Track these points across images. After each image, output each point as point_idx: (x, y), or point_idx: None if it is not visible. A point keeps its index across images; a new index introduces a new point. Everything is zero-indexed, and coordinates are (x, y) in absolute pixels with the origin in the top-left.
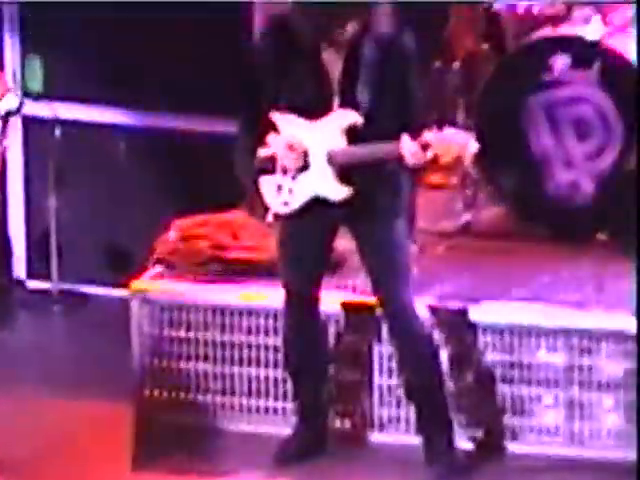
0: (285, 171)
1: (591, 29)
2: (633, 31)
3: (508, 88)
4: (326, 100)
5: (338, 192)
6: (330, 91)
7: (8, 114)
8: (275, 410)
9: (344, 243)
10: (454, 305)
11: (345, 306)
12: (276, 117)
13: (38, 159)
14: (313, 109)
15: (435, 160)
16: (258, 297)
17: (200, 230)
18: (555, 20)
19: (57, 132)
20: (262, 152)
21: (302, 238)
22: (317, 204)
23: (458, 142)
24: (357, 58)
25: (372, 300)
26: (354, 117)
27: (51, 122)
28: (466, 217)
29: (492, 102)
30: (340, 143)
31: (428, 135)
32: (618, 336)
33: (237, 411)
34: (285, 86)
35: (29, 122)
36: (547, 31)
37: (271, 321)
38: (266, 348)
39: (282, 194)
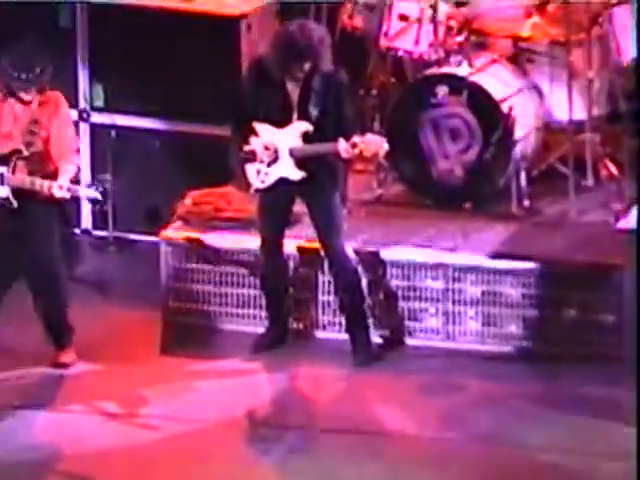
0: (261, 161)
1: (461, 69)
2: (492, 69)
3: (407, 108)
4: (289, 115)
5: (296, 174)
6: (291, 109)
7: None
8: (254, 316)
9: (299, 208)
10: (371, 248)
11: (300, 249)
12: (256, 125)
13: (100, 152)
14: (280, 121)
15: (360, 155)
16: (244, 241)
17: (206, 198)
18: (439, 62)
19: (113, 134)
20: (246, 148)
21: (272, 204)
22: (282, 182)
23: (375, 143)
24: (309, 87)
25: (317, 245)
26: (307, 126)
27: (109, 127)
28: (379, 192)
29: (397, 117)
30: (298, 143)
31: (356, 138)
32: (477, 269)
33: (229, 316)
34: (262, 105)
35: (95, 127)
36: (433, 70)
37: (251, 258)
38: (248, 275)
39: (260, 176)
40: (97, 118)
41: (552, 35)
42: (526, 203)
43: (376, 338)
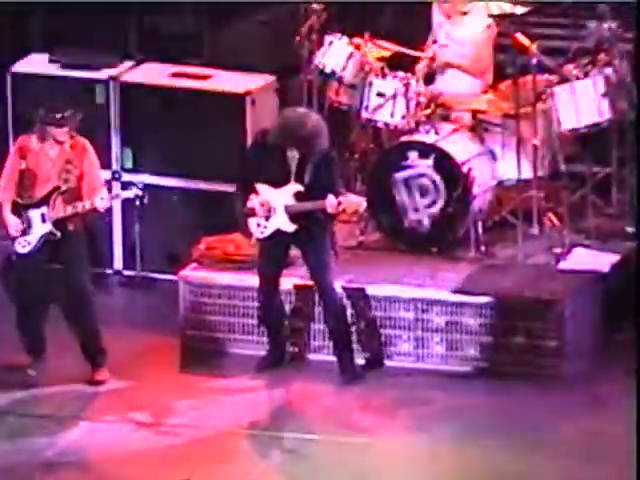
0: (260, 216)
1: (429, 137)
2: (454, 136)
3: (384, 169)
4: (287, 178)
5: (290, 227)
6: (289, 173)
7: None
8: (257, 342)
9: (294, 252)
10: (355, 285)
11: (295, 287)
12: (257, 186)
13: (129, 207)
14: (279, 182)
15: (344, 210)
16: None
17: (217, 243)
18: (410, 131)
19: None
20: (249, 204)
21: (270, 251)
22: (279, 233)
23: (356, 202)
24: (306, 158)
25: (309, 283)
26: (299, 188)
27: (136, 184)
28: (361, 238)
29: (375, 177)
30: (292, 201)
31: (341, 198)
32: (442, 302)
33: (236, 342)
34: (264, 169)
35: (124, 185)
36: (406, 137)
37: (255, 293)
38: (253, 308)
39: (260, 228)
40: (127, 177)
41: (504, 109)
42: (482, 248)
43: (360, 360)
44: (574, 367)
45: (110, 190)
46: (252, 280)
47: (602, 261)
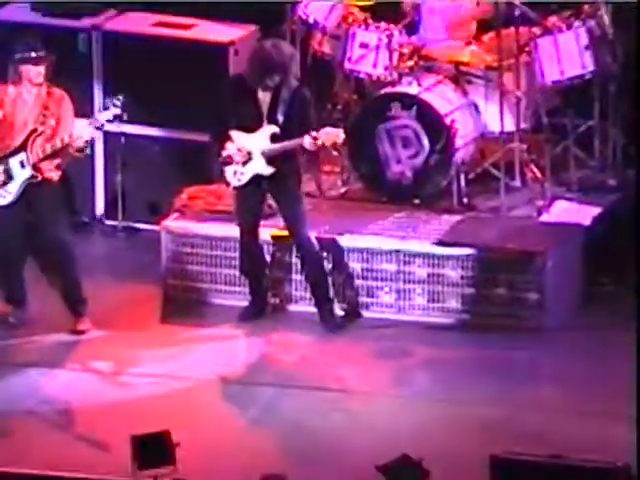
0: (237, 162)
1: (412, 88)
2: (437, 88)
3: (367, 120)
4: (259, 121)
5: (267, 170)
6: (262, 116)
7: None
8: (239, 292)
9: (272, 202)
10: (334, 236)
11: (273, 237)
12: (232, 133)
13: (111, 156)
14: (252, 127)
15: (323, 145)
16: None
17: (199, 194)
18: (393, 83)
19: (122, 140)
20: (224, 153)
21: (247, 200)
22: (255, 180)
23: (333, 133)
24: (277, 97)
25: (287, 233)
26: (274, 129)
27: (118, 135)
28: (343, 189)
29: (358, 128)
30: (268, 144)
31: (314, 133)
32: (424, 254)
33: (218, 292)
34: (237, 115)
35: (107, 135)
36: (388, 89)
37: (236, 243)
38: (235, 259)
39: (237, 175)
40: (109, 127)
41: (487, 61)
42: (465, 200)
43: (339, 311)
44: (556, 319)
45: (92, 144)
46: (234, 231)
47: (584, 214)
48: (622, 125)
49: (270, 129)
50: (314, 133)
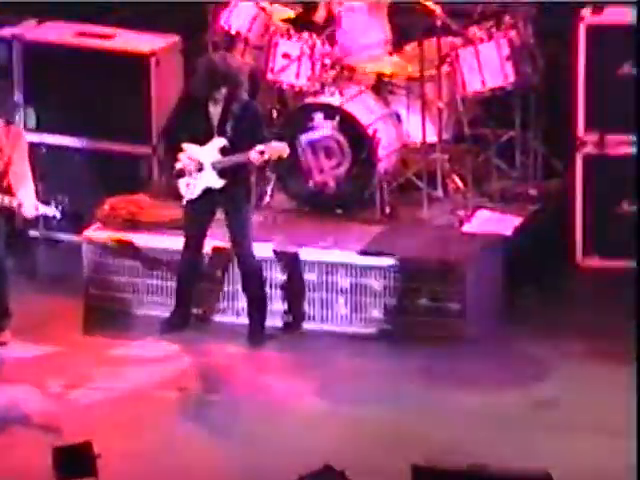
0: (190, 174)
1: (334, 99)
2: (359, 98)
3: (289, 130)
4: (210, 133)
5: (218, 183)
6: (212, 128)
7: None
8: (162, 303)
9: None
10: (288, 249)
11: (214, 249)
12: (183, 145)
13: (32, 166)
14: (203, 139)
15: (268, 160)
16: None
17: (121, 204)
18: (315, 93)
19: (43, 150)
20: (177, 165)
21: (198, 211)
22: (207, 193)
23: (279, 148)
24: (227, 110)
25: (226, 246)
26: (224, 142)
27: (39, 145)
28: (267, 200)
29: (281, 138)
30: (218, 156)
31: (261, 146)
32: (347, 264)
33: (142, 302)
34: (188, 128)
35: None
36: (311, 99)
37: (157, 254)
38: (155, 268)
39: (190, 188)
40: (30, 137)
41: (409, 72)
42: (387, 210)
43: (277, 322)
44: (477, 330)
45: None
46: (155, 241)
47: (505, 224)
48: (543, 136)
49: (220, 142)
50: (260, 147)
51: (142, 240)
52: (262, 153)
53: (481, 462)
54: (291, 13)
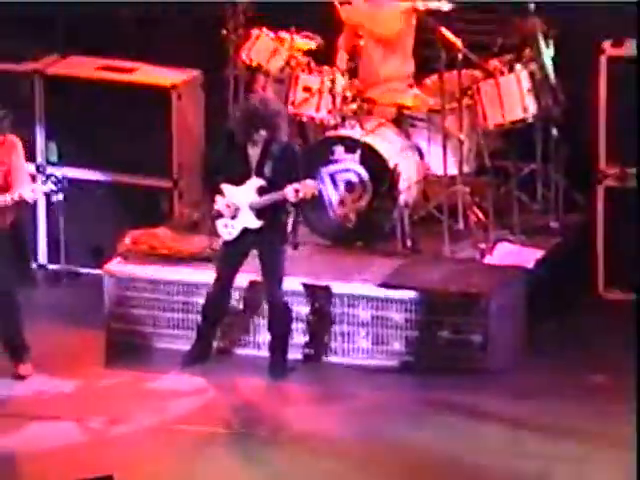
0: (227, 216)
1: (355, 132)
2: (380, 131)
3: (310, 163)
4: (248, 174)
5: (255, 223)
6: (250, 169)
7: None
8: (182, 336)
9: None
10: (320, 283)
11: (250, 282)
12: (222, 186)
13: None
14: (241, 180)
15: (304, 198)
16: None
17: (143, 237)
18: (336, 126)
19: (65, 183)
20: (215, 207)
21: (232, 251)
22: (244, 233)
23: (311, 186)
24: (267, 151)
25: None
26: (261, 182)
27: (62, 178)
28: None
29: (302, 171)
30: (255, 197)
31: (296, 185)
32: (368, 297)
33: (163, 336)
34: (228, 168)
35: (49, 178)
36: (332, 132)
37: (179, 287)
38: (177, 302)
39: (228, 229)
40: (51, 170)
41: (430, 104)
42: (408, 243)
43: (297, 355)
44: (499, 362)
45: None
46: (176, 274)
47: (527, 256)
48: (564, 168)
49: (257, 182)
50: (295, 185)
51: (163, 273)
52: (297, 191)
53: None
54: (312, 44)
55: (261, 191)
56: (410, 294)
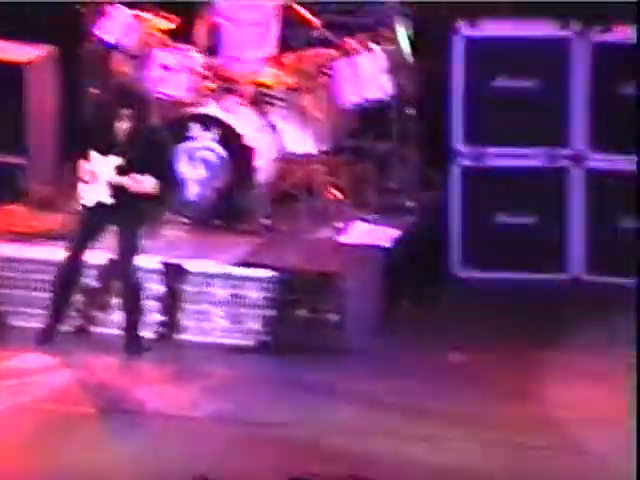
0: (87, 182)
1: (212, 109)
2: (238, 110)
3: (168, 141)
4: (111, 149)
5: (109, 200)
6: (115, 142)
7: None
8: (40, 315)
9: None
10: (174, 261)
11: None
12: (90, 152)
13: None
14: (105, 152)
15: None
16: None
17: None
18: (194, 104)
19: None
20: (79, 171)
21: (89, 223)
22: (100, 207)
23: (148, 184)
24: (131, 133)
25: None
26: (120, 161)
27: None
28: None
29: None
30: (112, 174)
31: (139, 177)
32: (225, 275)
33: (19, 314)
34: (95, 136)
35: None
36: (189, 110)
37: (33, 265)
38: (34, 281)
39: (86, 194)
40: None
41: (287, 83)
42: (266, 221)
43: (149, 334)
44: (356, 341)
45: None
46: (31, 252)
47: (383, 235)
48: (420, 148)
49: (116, 160)
50: (137, 177)
51: (15, 251)
52: (136, 183)
53: (360, 473)
54: (171, 25)
55: (120, 170)
56: (267, 273)
